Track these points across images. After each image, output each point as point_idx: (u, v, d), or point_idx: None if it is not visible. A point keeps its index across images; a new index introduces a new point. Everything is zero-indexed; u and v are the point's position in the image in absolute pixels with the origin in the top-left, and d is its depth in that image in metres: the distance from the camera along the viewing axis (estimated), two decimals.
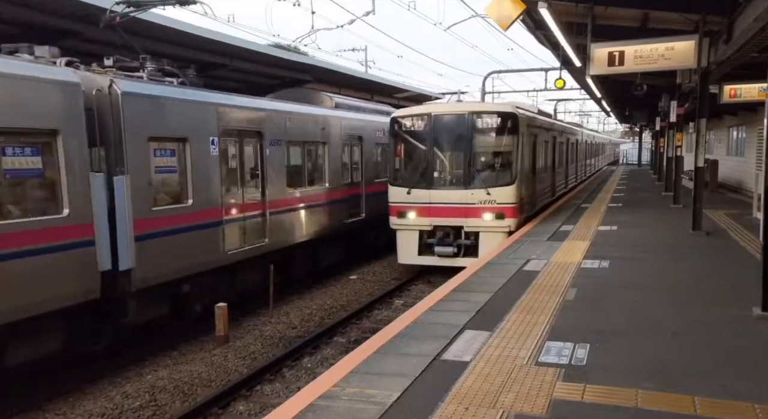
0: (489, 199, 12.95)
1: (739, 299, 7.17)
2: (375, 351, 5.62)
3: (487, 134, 13.43)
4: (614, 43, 11.47)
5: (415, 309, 7.10)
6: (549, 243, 11.63)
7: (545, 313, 6.80)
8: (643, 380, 4.82)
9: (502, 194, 13.01)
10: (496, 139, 13.50)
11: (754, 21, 8.50)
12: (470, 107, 14.04)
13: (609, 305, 7.18)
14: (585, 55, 12.01)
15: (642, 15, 12.11)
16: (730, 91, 16.49)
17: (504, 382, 4.84)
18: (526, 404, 4.42)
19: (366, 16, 19.94)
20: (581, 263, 9.58)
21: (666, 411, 4.28)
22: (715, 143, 28.50)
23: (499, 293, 7.80)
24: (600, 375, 4.96)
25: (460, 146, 13.32)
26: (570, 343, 5.74)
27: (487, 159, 13.67)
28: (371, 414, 4.29)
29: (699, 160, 12.72)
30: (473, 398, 4.55)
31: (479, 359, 5.38)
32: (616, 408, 4.33)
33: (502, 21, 8.79)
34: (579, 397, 4.53)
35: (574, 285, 8.12)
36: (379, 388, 4.74)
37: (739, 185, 23.01)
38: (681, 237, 12.21)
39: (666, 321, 6.47)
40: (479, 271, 9.22)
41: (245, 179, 11.13)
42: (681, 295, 7.60)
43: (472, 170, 13.26)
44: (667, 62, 11.39)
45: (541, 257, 10.21)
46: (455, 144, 13.42)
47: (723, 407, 4.33)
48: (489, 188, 12.98)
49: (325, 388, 4.76)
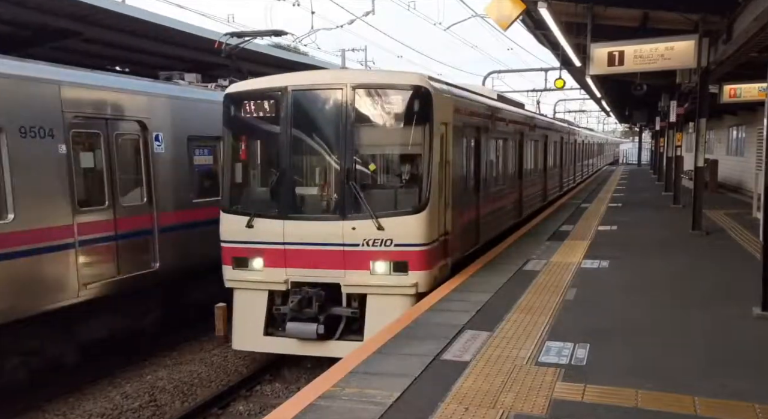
0: (381, 237, 7.64)
1: (739, 299, 7.17)
2: (375, 351, 5.62)
3: (378, 124, 7.95)
4: (614, 43, 11.47)
5: (415, 309, 7.10)
6: (548, 243, 11.63)
7: (545, 313, 6.79)
8: (643, 380, 4.82)
9: (402, 229, 7.63)
10: (393, 132, 8.03)
11: (753, 21, 8.50)
12: (350, 76, 8.29)
13: (609, 305, 7.18)
14: (585, 55, 12.01)
15: (642, 15, 12.11)
16: (729, 91, 16.49)
17: (504, 382, 4.83)
18: (526, 404, 4.42)
19: (366, 17, 19.94)
20: (581, 263, 9.58)
21: (666, 411, 4.27)
22: (714, 143, 28.49)
23: (499, 293, 7.79)
24: (600, 375, 4.96)
25: (334, 143, 7.90)
26: (570, 343, 5.74)
27: (381, 166, 8.38)
28: (371, 414, 4.29)
29: (699, 160, 12.72)
30: (473, 398, 4.54)
31: (479, 359, 5.37)
32: (616, 408, 4.33)
33: (502, 21, 8.78)
34: (579, 397, 4.53)
35: (574, 285, 8.12)
36: (379, 388, 4.74)
37: (739, 184, 23.01)
38: (681, 237, 12.20)
39: (666, 321, 6.47)
40: (479, 271, 9.21)
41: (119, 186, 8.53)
42: (681, 295, 7.59)
43: (352, 187, 7.73)
44: (667, 62, 11.39)
45: (541, 257, 10.21)
46: (327, 140, 7.99)
47: (723, 407, 4.33)
48: (381, 219, 7.59)
49: (324, 388, 4.76)
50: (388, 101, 7.86)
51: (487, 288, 8.03)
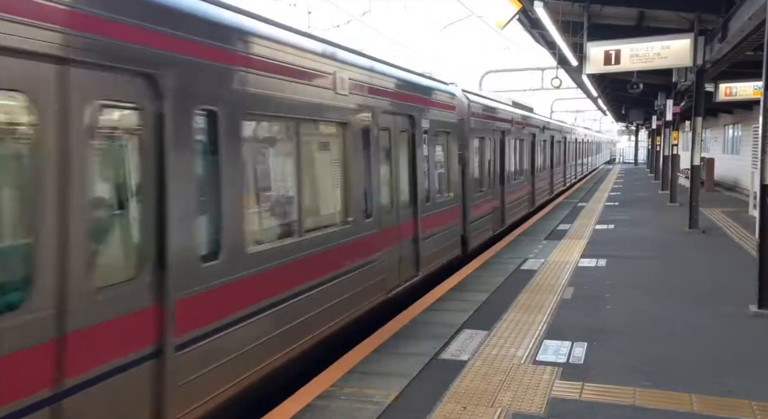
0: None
1: (736, 297, 7.19)
2: (373, 351, 5.62)
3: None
4: (610, 42, 11.51)
5: (413, 309, 7.10)
6: (546, 242, 11.64)
7: (543, 312, 6.80)
8: (641, 378, 4.83)
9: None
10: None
11: (749, 19, 8.53)
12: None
13: (606, 303, 7.19)
14: (581, 54, 12.03)
15: (638, 14, 12.14)
16: (725, 89, 16.56)
17: (502, 381, 4.84)
18: (524, 402, 4.43)
19: (363, 16, 19.92)
20: (578, 262, 9.59)
21: (663, 408, 4.28)
22: (711, 142, 28.56)
23: (497, 292, 7.80)
24: (598, 373, 4.96)
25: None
26: (567, 342, 5.75)
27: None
28: (369, 414, 4.29)
29: (695, 158, 12.76)
30: (471, 397, 4.55)
31: (477, 358, 5.38)
32: (614, 406, 4.34)
33: (498, 20, 8.80)
34: (577, 395, 4.54)
35: (572, 284, 8.13)
36: (377, 388, 4.74)
37: (735, 183, 23.07)
38: (677, 235, 12.24)
39: (663, 319, 6.48)
40: (477, 270, 9.22)
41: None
42: (678, 293, 7.61)
43: None
44: (663, 61, 11.43)
45: (539, 256, 10.22)
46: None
47: (720, 404, 4.34)
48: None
49: (323, 388, 4.76)
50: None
51: (485, 287, 8.03)
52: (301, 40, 5.47)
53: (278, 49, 4.94)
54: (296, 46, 5.27)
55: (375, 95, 6.72)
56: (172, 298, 3.68)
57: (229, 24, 4.44)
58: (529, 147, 16.01)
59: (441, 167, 9.27)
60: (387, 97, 7.11)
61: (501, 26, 9.04)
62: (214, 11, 4.31)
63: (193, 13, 4.06)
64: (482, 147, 11.36)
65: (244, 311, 4.39)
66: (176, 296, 3.72)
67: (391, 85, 7.32)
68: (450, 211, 9.43)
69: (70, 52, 3.05)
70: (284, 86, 4.95)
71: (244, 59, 4.46)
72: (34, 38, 2.88)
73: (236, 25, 4.52)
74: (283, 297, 4.88)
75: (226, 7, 4.53)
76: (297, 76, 5.16)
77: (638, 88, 15.79)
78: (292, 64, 5.11)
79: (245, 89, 4.45)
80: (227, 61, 4.28)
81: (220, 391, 4.14)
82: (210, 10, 4.27)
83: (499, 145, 12.56)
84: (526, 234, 12.82)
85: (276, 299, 4.78)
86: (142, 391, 3.53)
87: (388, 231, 6.99)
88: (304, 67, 5.28)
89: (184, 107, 3.82)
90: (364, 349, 5.68)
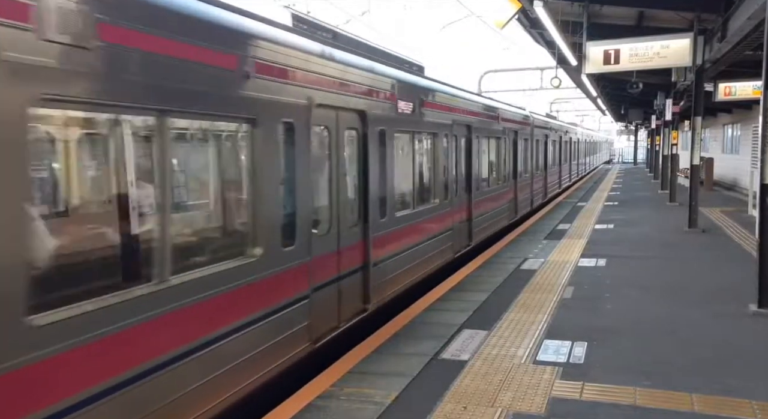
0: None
1: (736, 296, 7.19)
2: (373, 351, 5.62)
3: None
4: (610, 42, 11.51)
5: (413, 309, 7.10)
6: (546, 242, 11.65)
7: (543, 311, 6.81)
8: (641, 377, 4.83)
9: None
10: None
11: (748, 19, 8.53)
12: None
13: (606, 303, 7.19)
14: (580, 54, 12.04)
15: (637, 13, 12.15)
16: (724, 89, 16.55)
17: (502, 381, 4.84)
18: (524, 402, 4.43)
19: (362, 16, 19.93)
20: (578, 262, 9.60)
21: (664, 408, 4.29)
22: (710, 141, 28.57)
23: (497, 291, 7.80)
24: (598, 373, 4.97)
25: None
26: (568, 341, 5.75)
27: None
28: (369, 414, 4.29)
29: (694, 158, 12.77)
30: (471, 397, 4.55)
31: (477, 358, 5.38)
32: (615, 406, 4.34)
33: (498, 20, 8.80)
34: (577, 395, 4.54)
35: (572, 284, 8.13)
36: (377, 388, 4.74)
37: (735, 182, 23.08)
38: (677, 235, 12.24)
39: (663, 319, 6.48)
40: (476, 270, 9.22)
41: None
42: (678, 292, 7.62)
43: None
44: (663, 60, 11.43)
45: (539, 255, 10.23)
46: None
47: (720, 404, 4.34)
48: None
49: (323, 388, 4.76)
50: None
51: (485, 287, 8.04)
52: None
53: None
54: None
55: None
56: (370, 237, 6.63)
57: (412, 83, 8.16)
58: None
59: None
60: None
61: (500, 26, 9.05)
62: (401, 75, 7.74)
63: (386, 77, 7.20)
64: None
65: (398, 248, 7.46)
66: (372, 236, 6.67)
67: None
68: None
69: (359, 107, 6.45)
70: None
71: (392, 96, 7.35)
72: (354, 108, 6.34)
73: (415, 83, 8.30)
74: (413, 243, 7.98)
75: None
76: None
77: (637, 88, 15.80)
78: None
79: (395, 118, 7.48)
80: (388, 107, 7.27)
81: (391, 291, 7.23)
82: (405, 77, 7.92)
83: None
84: (526, 234, 12.82)
85: (410, 244, 7.86)
86: (360, 285, 6.50)
87: (456, 208, 10.09)
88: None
89: (374, 128, 6.71)
90: (364, 349, 5.68)
